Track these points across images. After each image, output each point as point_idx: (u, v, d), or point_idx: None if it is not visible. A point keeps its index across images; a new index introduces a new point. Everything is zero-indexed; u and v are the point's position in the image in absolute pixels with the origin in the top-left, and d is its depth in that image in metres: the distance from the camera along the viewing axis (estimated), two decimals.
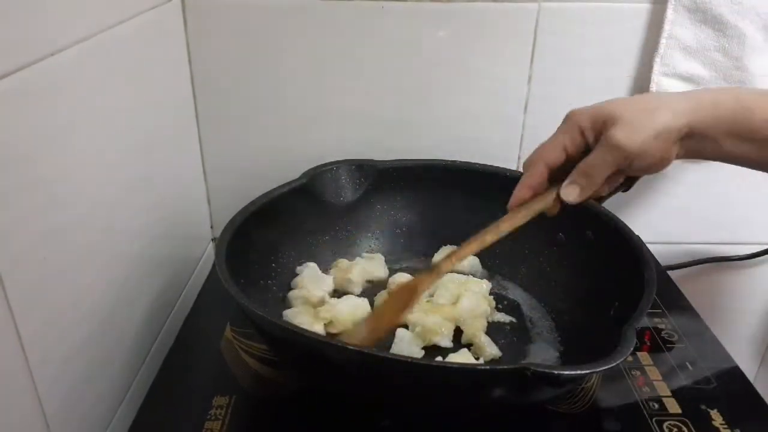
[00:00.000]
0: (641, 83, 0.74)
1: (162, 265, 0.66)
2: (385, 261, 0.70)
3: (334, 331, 0.59)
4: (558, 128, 0.51)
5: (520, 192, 0.52)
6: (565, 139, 0.50)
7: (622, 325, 0.46)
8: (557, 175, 0.51)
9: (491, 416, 0.51)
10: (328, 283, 0.65)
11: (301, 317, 0.59)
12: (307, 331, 0.48)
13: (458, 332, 0.60)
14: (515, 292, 0.68)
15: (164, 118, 0.66)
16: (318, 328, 0.58)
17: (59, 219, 0.45)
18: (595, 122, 0.49)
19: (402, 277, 0.64)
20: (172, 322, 0.67)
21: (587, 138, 0.49)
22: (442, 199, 0.72)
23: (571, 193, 0.50)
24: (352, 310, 0.61)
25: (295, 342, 0.47)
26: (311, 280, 0.64)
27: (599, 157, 0.48)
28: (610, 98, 0.50)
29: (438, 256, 0.71)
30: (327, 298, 0.63)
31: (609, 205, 0.65)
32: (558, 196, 0.51)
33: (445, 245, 0.71)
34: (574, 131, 0.49)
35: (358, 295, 0.65)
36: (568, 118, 0.50)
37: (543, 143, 0.52)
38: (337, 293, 0.65)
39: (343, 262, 0.68)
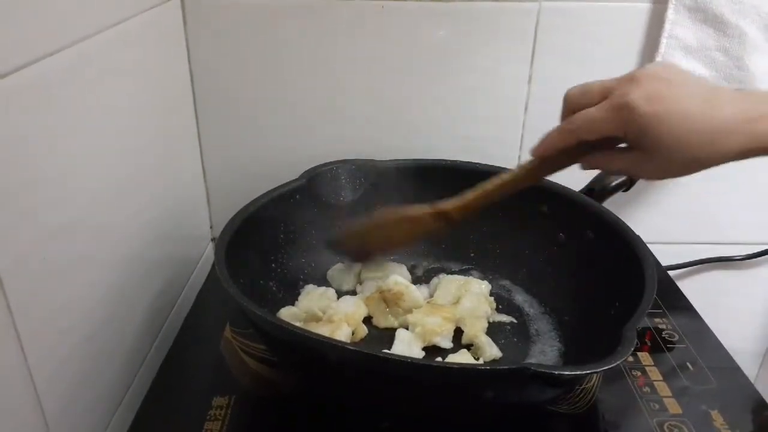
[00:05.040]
0: None
1: (161, 265, 0.66)
2: (384, 261, 0.69)
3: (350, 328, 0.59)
4: (610, 107, 0.43)
5: (547, 149, 0.48)
6: (610, 128, 0.43)
7: (623, 325, 0.46)
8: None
9: (492, 417, 0.51)
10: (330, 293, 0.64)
11: (319, 329, 0.58)
12: (306, 330, 0.47)
13: (458, 333, 0.60)
14: (516, 293, 0.67)
15: (164, 118, 0.66)
16: (346, 330, 0.58)
17: (59, 219, 0.45)
18: (640, 132, 0.41)
19: (397, 279, 0.64)
20: (171, 322, 0.67)
21: (627, 140, 0.43)
22: (442, 198, 0.71)
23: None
24: (354, 308, 0.61)
25: (294, 342, 0.47)
26: (311, 299, 0.63)
27: (607, 165, 0.45)
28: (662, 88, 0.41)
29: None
30: (330, 305, 0.62)
31: (609, 204, 0.65)
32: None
33: (445, 245, 0.71)
34: (620, 127, 0.42)
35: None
36: (624, 110, 0.41)
37: (590, 113, 0.44)
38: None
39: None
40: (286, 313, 0.61)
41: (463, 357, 0.57)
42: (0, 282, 0.38)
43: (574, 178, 0.66)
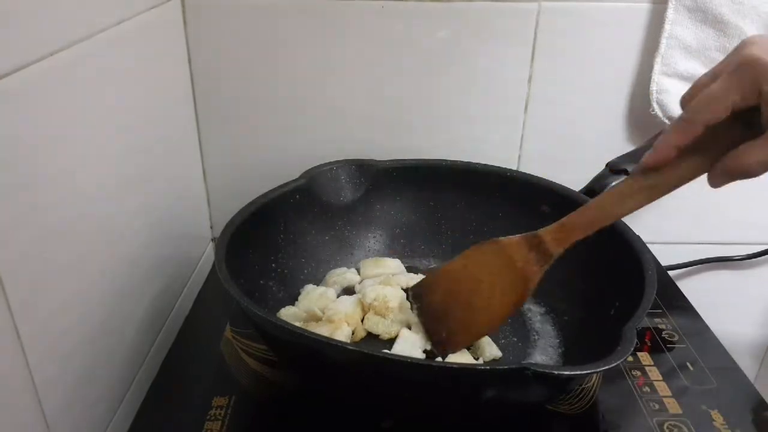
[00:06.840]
0: (642, 83, 0.74)
1: (161, 265, 0.66)
2: None
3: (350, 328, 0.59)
4: (728, 73, 0.37)
5: (665, 151, 0.40)
6: (735, 97, 0.37)
7: (623, 325, 0.46)
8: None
9: (491, 416, 0.51)
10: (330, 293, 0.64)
11: (319, 329, 0.58)
12: (306, 330, 0.47)
13: None
14: None
15: (164, 118, 0.66)
16: (346, 330, 0.58)
17: (58, 219, 0.44)
18: None
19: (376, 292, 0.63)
20: (171, 322, 0.67)
21: (762, 104, 0.37)
22: (443, 199, 0.71)
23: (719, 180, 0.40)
24: (351, 309, 0.61)
25: (295, 342, 0.47)
26: (311, 299, 0.63)
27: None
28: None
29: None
30: (329, 305, 0.62)
31: None
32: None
33: (445, 246, 0.71)
34: (749, 89, 0.36)
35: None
36: (746, 66, 0.36)
37: (707, 91, 0.38)
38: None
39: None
40: (286, 313, 0.61)
41: (462, 357, 0.56)
42: (0, 282, 0.38)
43: (574, 178, 0.66)
